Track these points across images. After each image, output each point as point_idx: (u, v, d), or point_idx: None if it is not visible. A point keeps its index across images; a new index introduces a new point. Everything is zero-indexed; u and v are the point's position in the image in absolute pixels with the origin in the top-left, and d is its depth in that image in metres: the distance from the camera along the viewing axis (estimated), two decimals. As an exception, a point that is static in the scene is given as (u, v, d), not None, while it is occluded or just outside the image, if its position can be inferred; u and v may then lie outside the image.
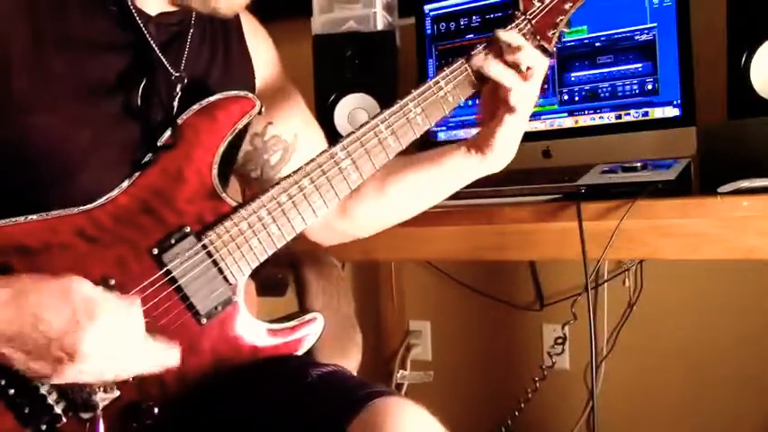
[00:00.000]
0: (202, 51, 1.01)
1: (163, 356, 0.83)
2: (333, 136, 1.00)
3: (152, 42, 0.93)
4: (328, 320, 1.00)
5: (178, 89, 0.95)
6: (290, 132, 1.10)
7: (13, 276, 0.78)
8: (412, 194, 1.12)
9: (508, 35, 0.98)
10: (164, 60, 0.94)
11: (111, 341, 0.77)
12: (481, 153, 1.04)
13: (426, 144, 1.12)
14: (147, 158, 0.90)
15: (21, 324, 0.75)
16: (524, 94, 0.98)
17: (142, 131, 0.92)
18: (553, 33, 1.04)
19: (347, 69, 1.70)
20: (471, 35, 1.68)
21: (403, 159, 1.05)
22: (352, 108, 1.70)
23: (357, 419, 0.77)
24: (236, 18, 1.06)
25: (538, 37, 1.02)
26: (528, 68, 0.97)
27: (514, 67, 0.98)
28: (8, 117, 0.85)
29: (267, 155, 1.09)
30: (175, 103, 0.94)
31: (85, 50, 0.90)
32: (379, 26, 1.73)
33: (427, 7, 1.73)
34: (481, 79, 1.00)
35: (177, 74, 0.95)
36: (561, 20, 1.04)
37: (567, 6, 1.04)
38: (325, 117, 1.69)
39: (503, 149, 1.03)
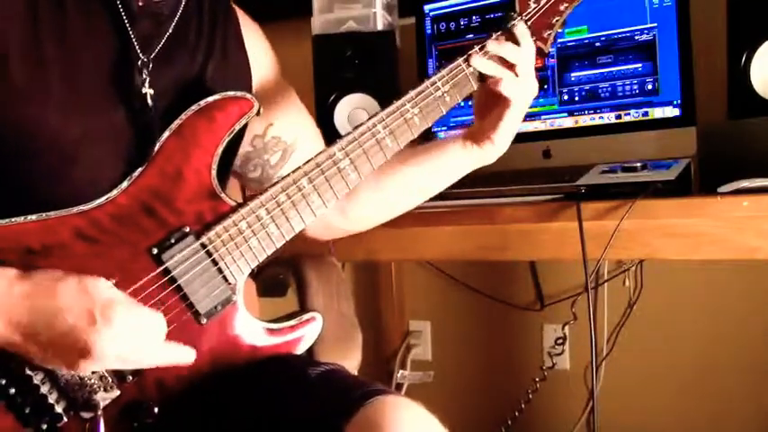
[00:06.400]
0: (199, 47, 1.00)
1: (178, 357, 0.85)
2: (333, 136, 0.99)
3: (125, 21, 0.92)
4: (328, 320, 1.00)
5: (144, 74, 0.93)
6: (291, 134, 1.10)
7: (33, 271, 0.79)
8: (407, 189, 1.13)
9: (520, 31, 1.01)
10: (135, 44, 0.92)
11: (128, 345, 0.79)
12: (478, 146, 1.06)
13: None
14: (140, 154, 0.89)
15: (37, 317, 0.77)
16: (519, 87, 1.00)
17: (126, 122, 0.91)
18: (549, 34, 1.05)
19: (347, 69, 1.70)
20: (471, 35, 1.67)
21: (397, 154, 1.04)
22: (352, 108, 1.69)
23: (355, 418, 0.77)
24: (234, 16, 1.06)
25: (534, 38, 1.03)
26: (515, 65, 1.00)
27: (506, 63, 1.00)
28: (4, 110, 0.85)
29: (267, 155, 1.09)
30: (145, 88, 0.93)
31: (78, 38, 0.89)
32: (379, 26, 1.73)
33: (427, 7, 1.73)
34: (480, 79, 1.01)
35: (144, 59, 0.93)
36: (557, 20, 1.05)
37: (562, 7, 1.05)
38: (325, 117, 1.69)
39: (501, 142, 1.05)
